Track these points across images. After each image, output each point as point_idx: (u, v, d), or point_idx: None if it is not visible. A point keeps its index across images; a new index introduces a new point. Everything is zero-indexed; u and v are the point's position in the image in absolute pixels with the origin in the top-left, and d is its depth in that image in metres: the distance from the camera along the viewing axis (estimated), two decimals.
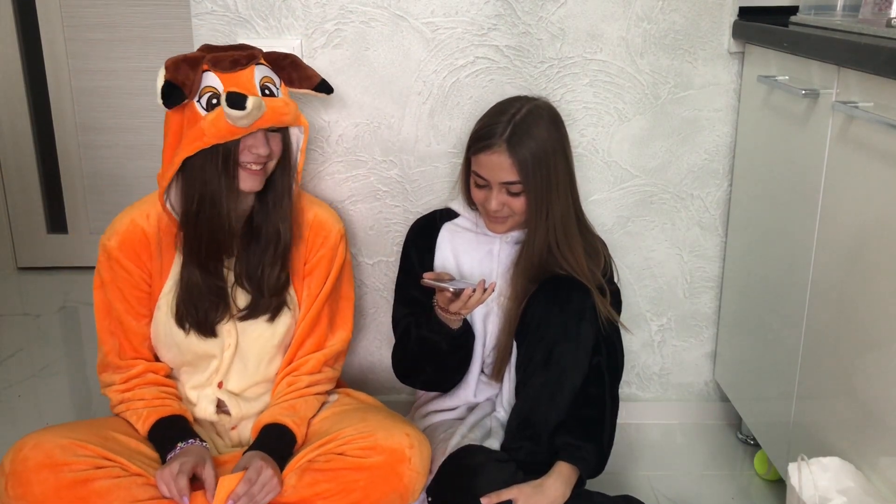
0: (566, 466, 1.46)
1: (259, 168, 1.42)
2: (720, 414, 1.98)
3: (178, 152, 1.39)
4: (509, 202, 1.48)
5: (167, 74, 1.38)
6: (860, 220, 1.27)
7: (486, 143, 1.46)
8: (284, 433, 1.45)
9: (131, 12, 2.71)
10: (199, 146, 1.36)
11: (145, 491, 1.34)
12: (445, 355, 1.54)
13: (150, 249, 1.46)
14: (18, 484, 1.30)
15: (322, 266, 1.55)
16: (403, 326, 1.59)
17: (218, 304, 1.47)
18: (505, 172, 1.45)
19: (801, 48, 1.43)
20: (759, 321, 1.67)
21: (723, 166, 1.81)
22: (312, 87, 1.52)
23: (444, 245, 1.60)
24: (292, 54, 1.50)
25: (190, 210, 1.41)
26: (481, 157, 1.47)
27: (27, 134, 2.84)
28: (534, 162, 1.44)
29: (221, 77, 1.38)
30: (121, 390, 1.49)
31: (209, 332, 1.48)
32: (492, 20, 1.70)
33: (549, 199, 1.47)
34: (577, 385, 1.48)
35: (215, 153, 1.37)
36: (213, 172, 1.38)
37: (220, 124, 1.35)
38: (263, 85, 1.40)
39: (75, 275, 2.90)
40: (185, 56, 1.39)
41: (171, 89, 1.37)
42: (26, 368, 2.26)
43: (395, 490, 1.39)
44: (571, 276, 1.50)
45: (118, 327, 1.48)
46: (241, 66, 1.39)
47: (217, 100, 1.36)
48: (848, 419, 1.31)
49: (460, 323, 1.52)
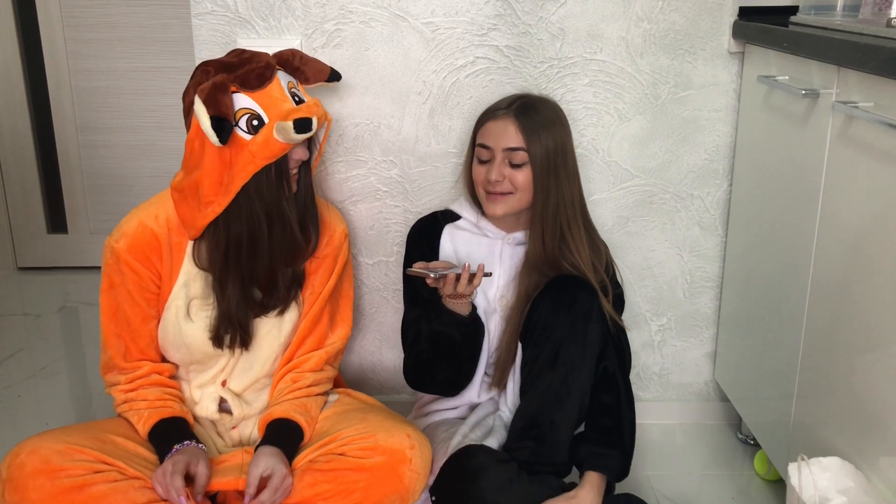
0: (594, 475, 1.47)
1: (296, 171, 1.44)
2: (720, 414, 1.98)
3: (232, 180, 1.37)
4: (511, 175, 1.49)
5: (209, 110, 1.32)
6: (860, 220, 1.27)
7: (493, 113, 1.52)
8: (296, 430, 1.46)
9: (131, 12, 2.71)
10: (252, 170, 1.36)
11: (143, 494, 1.34)
12: (459, 346, 1.53)
13: (159, 251, 1.46)
14: (15, 490, 1.30)
15: (326, 265, 1.55)
16: (416, 329, 1.58)
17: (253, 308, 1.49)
18: (510, 137, 1.48)
19: (801, 48, 1.43)
20: (759, 321, 1.67)
21: (723, 166, 1.82)
22: (326, 79, 1.53)
23: (446, 247, 1.60)
24: (296, 50, 1.50)
25: (259, 233, 1.40)
26: (487, 125, 1.52)
27: (27, 134, 2.84)
28: (540, 132, 1.47)
29: (253, 96, 1.36)
30: (125, 390, 1.49)
31: (249, 342, 1.50)
32: (492, 20, 1.70)
33: (557, 177, 1.48)
34: (584, 386, 1.47)
35: (267, 170, 1.37)
36: (271, 188, 1.38)
37: (273, 145, 1.35)
38: (292, 93, 1.41)
39: (75, 275, 2.90)
40: (213, 84, 1.34)
41: (221, 123, 1.32)
42: (26, 368, 2.26)
43: (396, 491, 1.39)
44: (577, 275, 1.50)
45: (125, 330, 1.48)
46: (268, 79, 1.38)
47: (258, 121, 1.35)
48: (848, 419, 1.31)
49: (469, 307, 1.52)
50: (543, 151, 1.47)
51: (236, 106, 1.35)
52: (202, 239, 1.45)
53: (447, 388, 1.62)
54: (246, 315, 1.47)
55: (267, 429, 1.46)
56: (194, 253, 1.46)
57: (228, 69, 1.38)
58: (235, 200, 1.38)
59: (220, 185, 1.37)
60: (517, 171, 1.48)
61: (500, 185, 1.50)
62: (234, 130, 1.35)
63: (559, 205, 1.50)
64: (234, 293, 1.45)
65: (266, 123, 1.35)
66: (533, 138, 1.47)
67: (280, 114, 1.35)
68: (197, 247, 1.46)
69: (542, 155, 1.47)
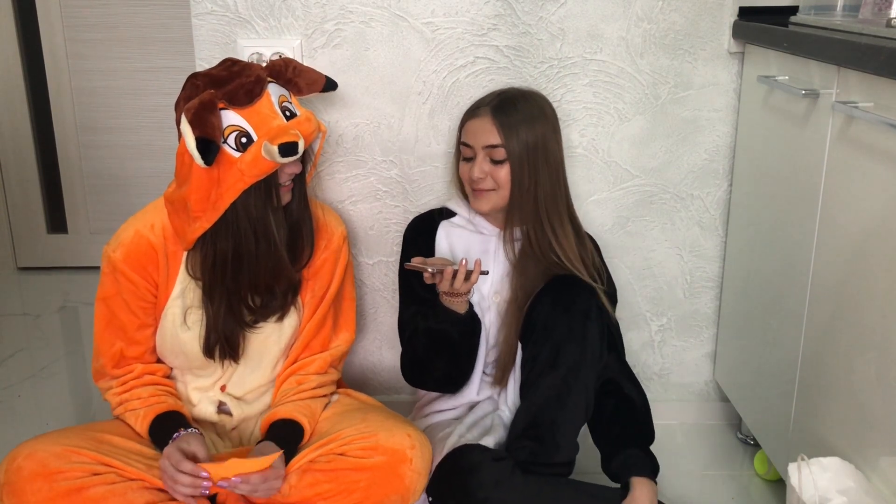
0: (635, 479, 1.47)
1: (290, 183, 1.43)
2: (720, 414, 1.98)
3: (220, 197, 1.35)
4: (493, 172, 1.50)
5: (195, 131, 1.30)
6: (860, 220, 1.27)
7: (473, 112, 1.54)
8: (298, 431, 1.45)
9: (131, 12, 2.72)
10: (241, 187, 1.34)
11: (141, 496, 1.34)
12: (456, 344, 1.53)
13: (156, 261, 1.45)
14: (13, 494, 1.29)
15: (326, 268, 1.55)
16: (412, 327, 1.58)
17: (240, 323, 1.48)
18: (487, 135, 1.49)
19: (801, 48, 1.43)
20: (759, 321, 1.67)
21: (723, 166, 1.82)
22: (320, 89, 1.49)
23: (442, 243, 1.61)
24: (290, 59, 1.46)
25: (244, 249, 1.39)
26: (469, 123, 1.54)
27: (27, 134, 2.84)
28: (519, 128, 1.48)
29: (242, 113, 1.34)
30: (118, 392, 1.48)
31: (238, 356, 1.49)
32: (492, 20, 1.70)
33: (536, 171, 1.48)
34: (587, 385, 1.47)
35: (256, 187, 1.36)
36: (259, 205, 1.37)
37: (262, 164, 1.33)
38: (283, 108, 1.38)
39: (75, 275, 2.90)
40: (200, 102, 1.31)
41: (207, 145, 1.30)
42: (26, 368, 2.26)
43: (396, 491, 1.39)
44: (576, 275, 1.50)
45: (121, 338, 1.48)
46: (257, 95, 1.35)
47: (247, 138, 1.33)
48: (848, 419, 1.31)
49: (466, 306, 1.52)
50: (522, 147, 1.48)
51: (225, 123, 1.33)
52: (194, 250, 1.44)
53: (445, 385, 1.62)
54: (233, 330, 1.46)
55: (269, 428, 1.46)
56: (188, 263, 1.45)
57: (217, 84, 1.35)
58: (223, 216, 1.37)
59: (208, 202, 1.36)
60: (498, 167, 1.49)
61: (482, 182, 1.51)
62: (221, 148, 1.33)
63: (539, 199, 1.50)
64: (221, 307, 1.44)
65: (255, 141, 1.33)
66: (510, 135, 1.48)
67: (269, 131, 1.33)
68: (190, 257, 1.45)
69: (519, 151, 1.48)
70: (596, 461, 1.54)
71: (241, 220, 1.37)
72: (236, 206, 1.36)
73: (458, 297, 1.50)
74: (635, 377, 1.59)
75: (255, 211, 1.37)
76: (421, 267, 1.47)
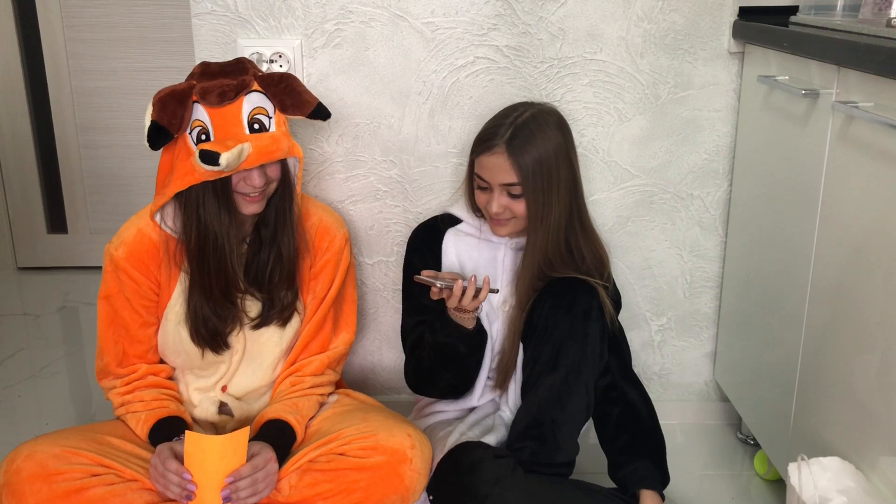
0: (644, 492, 1.47)
1: (258, 195, 1.40)
2: (720, 414, 1.98)
3: (169, 184, 1.37)
4: (510, 205, 1.48)
5: (154, 114, 1.33)
6: (860, 220, 1.27)
7: (487, 145, 1.47)
8: (287, 430, 1.45)
9: (131, 12, 2.72)
10: (190, 181, 1.35)
11: (140, 497, 1.34)
12: (464, 357, 1.53)
13: (157, 259, 1.45)
14: (12, 495, 1.29)
15: (327, 270, 1.55)
16: (416, 336, 1.58)
17: (227, 321, 1.48)
18: (504, 174, 1.46)
19: (801, 48, 1.43)
20: (759, 321, 1.67)
21: (723, 166, 1.82)
22: (306, 114, 1.43)
23: (449, 251, 1.60)
24: (290, 76, 1.44)
25: (191, 241, 1.40)
26: (482, 158, 1.48)
27: (27, 134, 2.84)
28: (533, 164, 1.44)
29: (210, 112, 1.35)
30: (121, 393, 1.49)
31: (222, 349, 1.49)
32: (492, 20, 1.70)
33: (550, 203, 1.47)
34: (588, 385, 1.47)
35: (214, 189, 1.37)
36: (212, 204, 1.38)
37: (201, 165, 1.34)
38: (253, 118, 1.37)
39: (75, 275, 2.90)
40: (173, 89, 1.35)
41: (157, 130, 1.33)
42: (26, 368, 2.26)
43: (396, 491, 1.39)
44: (576, 276, 1.50)
45: (124, 336, 1.48)
46: (229, 99, 1.35)
47: (206, 136, 1.35)
48: (848, 419, 1.31)
49: (474, 322, 1.52)
50: (539, 182, 1.45)
51: (193, 116, 1.36)
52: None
53: (449, 393, 1.62)
54: (214, 323, 1.46)
55: (260, 430, 1.46)
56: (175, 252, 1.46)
57: (207, 76, 1.38)
58: (186, 211, 1.39)
59: (163, 185, 1.39)
60: (515, 200, 1.48)
61: (501, 215, 1.50)
62: (183, 138, 1.36)
63: (556, 223, 1.49)
64: (199, 302, 1.45)
65: (212, 141, 1.34)
66: (527, 172, 1.44)
67: (223, 136, 1.34)
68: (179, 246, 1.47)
69: (537, 186, 1.45)
70: (595, 461, 1.54)
71: (200, 220, 1.39)
72: (196, 204, 1.38)
73: (467, 313, 1.50)
74: (641, 385, 1.59)
75: (209, 212, 1.38)
76: (429, 281, 1.45)
